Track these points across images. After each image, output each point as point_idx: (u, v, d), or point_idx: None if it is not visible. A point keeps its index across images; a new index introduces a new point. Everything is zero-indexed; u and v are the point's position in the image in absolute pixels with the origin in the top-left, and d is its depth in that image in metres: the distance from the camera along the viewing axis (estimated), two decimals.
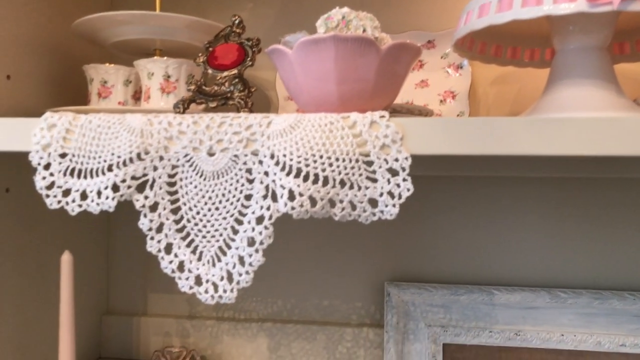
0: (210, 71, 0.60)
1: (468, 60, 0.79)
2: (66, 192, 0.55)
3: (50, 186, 0.55)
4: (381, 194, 0.51)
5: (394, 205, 0.51)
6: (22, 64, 0.71)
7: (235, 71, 0.59)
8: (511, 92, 0.81)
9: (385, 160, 0.50)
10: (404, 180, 0.50)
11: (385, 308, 0.82)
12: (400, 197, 0.50)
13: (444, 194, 0.84)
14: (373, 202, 0.52)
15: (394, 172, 0.51)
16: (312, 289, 0.88)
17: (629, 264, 0.79)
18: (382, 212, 0.51)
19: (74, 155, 0.55)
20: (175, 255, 0.55)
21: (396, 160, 0.50)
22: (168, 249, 0.55)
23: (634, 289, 0.78)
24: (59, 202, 0.55)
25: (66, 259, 0.64)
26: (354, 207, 0.52)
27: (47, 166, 0.56)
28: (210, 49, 0.61)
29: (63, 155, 0.55)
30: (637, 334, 0.77)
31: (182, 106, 0.60)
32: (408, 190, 0.50)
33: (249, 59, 0.60)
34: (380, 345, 0.84)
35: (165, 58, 0.71)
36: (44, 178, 0.55)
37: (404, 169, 0.50)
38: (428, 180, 0.83)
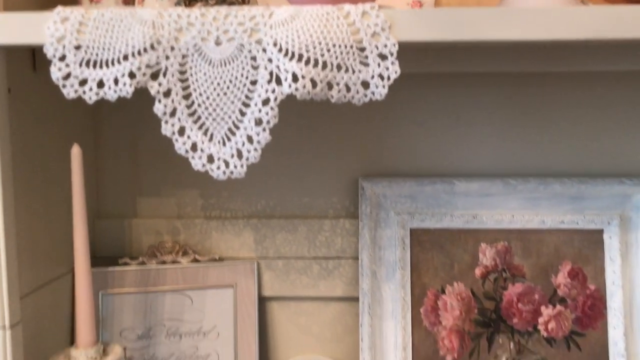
0: None
1: None
2: (82, 82, 0.60)
3: (66, 77, 0.60)
4: (372, 77, 0.59)
5: (383, 87, 0.59)
6: None
7: None
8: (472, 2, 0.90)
9: (376, 46, 0.58)
10: (392, 64, 0.58)
11: (359, 200, 0.91)
12: (389, 79, 0.58)
13: (409, 93, 0.92)
14: (365, 85, 0.59)
15: (383, 57, 0.58)
16: (292, 187, 0.96)
17: (569, 153, 0.92)
18: (373, 93, 0.59)
19: (88, 47, 0.59)
20: (188, 137, 0.61)
21: (385, 46, 0.58)
22: (181, 131, 0.61)
23: (573, 174, 0.91)
24: (76, 91, 0.60)
25: (76, 152, 0.69)
26: (348, 89, 0.59)
27: (62, 58, 0.60)
28: None
29: (77, 47, 0.60)
30: (573, 212, 0.90)
31: (184, 3, 0.64)
32: (395, 72, 0.58)
33: None
34: (355, 234, 0.94)
35: None
36: (59, 69, 0.60)
37: (392, 54, 0.58)
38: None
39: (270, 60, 0.59)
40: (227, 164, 0.61)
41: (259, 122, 0.60)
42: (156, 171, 0.96)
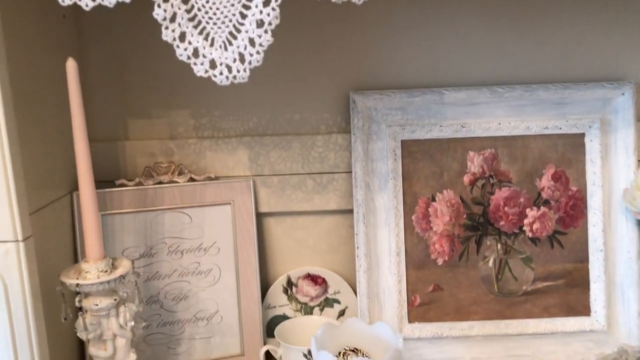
0: None
1: None
2: None
3: None
4: None
5: None
6: None
7: None
8: None
9: None
10: None
11: (351, 114, 0.93)
12: None
13: (397, 6, 0.92)
14: None
15: None
16: (284, 104, 0.97)
17: (553, 60, 0.94)
18: None
19: None
20: (189, 43, 0.61)
21: None
22: (182, 37, 0.61)
23: (557, 81, 0.93)
24: None
25: (71, 65, 0.68)
26: None
27: None
28: None
29: None
30: (557, 118, 0.93)
31: None
32: None
33: None
34: (347, 148, 0.96)
35: None
36: None
37: None
38: None
39: None
40: (229, 69, 0.62)
41: (260, 23, 0.60)
42: (146, 92, 0.96)
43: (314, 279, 1.01)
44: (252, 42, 0.61)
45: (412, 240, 0.94)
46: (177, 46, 0.61)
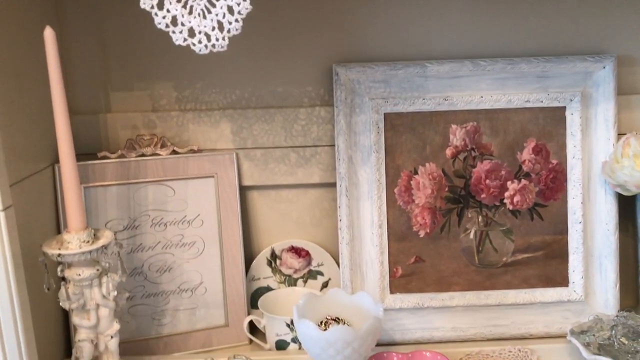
0: None
1: None
2: None
3: None
4: None
5: None
6: None
7: None
8: None
9: None
10: None
11: (334, 86, 0.93)
12: None
13: None
14: None
15: None
16: (267, 77, 0.97)
17: (536, 33, 0.95)
18: None
19: None
20: (168, 11, 0.61)
21: None
22: (160, 5, 0.60)
23: (539, 54, 0.94)
24: None
25: (49, 34, 0.68)
26: None
27: None
28: None
29: None
30: (538, 91, 0.94)
31: None
32: None
33: None
34: (330, 121, 0.97)
35: None
36: None
37: None
38: None
39: None
40: (208, 38, 0.61)
41: None
42: (127, 64, 0.95)
43: (297, 251, 1.02)
44: (230, 10, 0.60)
45: (394, 212, 0.95)
46: (156, 14, 0.61)
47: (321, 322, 0.84)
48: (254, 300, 0.99)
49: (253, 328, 0.97)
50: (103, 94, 0.96)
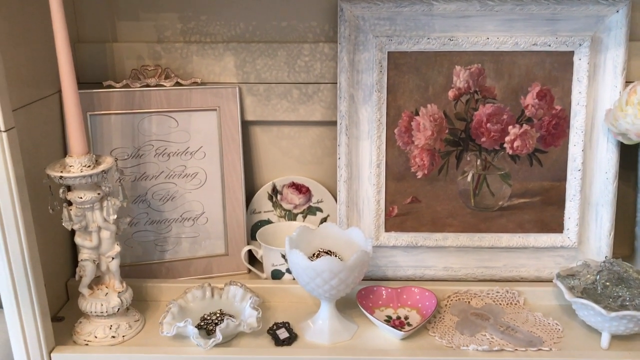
0: None
1: None
2: None
3: None
4: None
5: None
6: None
7: None
8: None
9: None
10: None
11: (338, 22, 0.92)
12: None
13: None
14: None
15: None
16: (271, 11, 0.96)
17: None
18: None
19: None
20: None
21: None
22: None
23: None
24: None
25: None
26: None
27: None
28: None
29: None
30: (547, 34, 0.92)
31: None
32: None
33: None
34: (334, 58, 0.96)
35: None
36: None
37: None
38: None
39: None
40: None
41: None
42: None
43: (298, 187, 1.05)
44: None
45: (393, 152, 0.96)
46: None
47: (313, 254, 0.87)
48: (254, 232, 1.02)
49: (253, 258, 1.01)
50: (110, 24, 0.97)
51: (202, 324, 0.85)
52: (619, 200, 0.95)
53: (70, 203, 0.80)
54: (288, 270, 0.94)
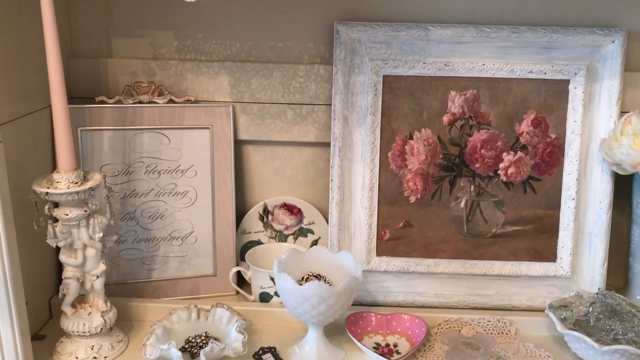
0: None
1: None
2: None
3: None
4: None
5: None
6: None
7: None
8: None
9: None
10: None
11: (334, 44, 0.92)
12: None
13: None
14: None
15: None
16: (268, 31, 0.96)
17: (544, 1, 0.92)
18: None
19: None
20: None
21: None
22: None
23: (546, 24, 0.91)
24: None
25: None
26: None
27: None
28: None
29: None
30: (543, 62, 0.92)
31: None
32: None
33: None
34: (329, 80, 0.96)
35: None
36: None
37: None
38: None
39: None
40: None
41: None
42: (130, 10, 0.95)
43: (290, 208, 1.03)
44: None
45: (386, 176, 0.95)
46: None
47: (302, 278, 0.86)
48: (244, 253, 1.01)
49: (241, 279, 0.99)
50: (105, 39, 0.96)
51: (187, 346, 0.83)
52: (613, 230, 0.94)
53: (56, 220, 0.78)
54: (276, 293, 0.93)
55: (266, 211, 1.03)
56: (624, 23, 0.91)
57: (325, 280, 0.86)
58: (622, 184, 0.95)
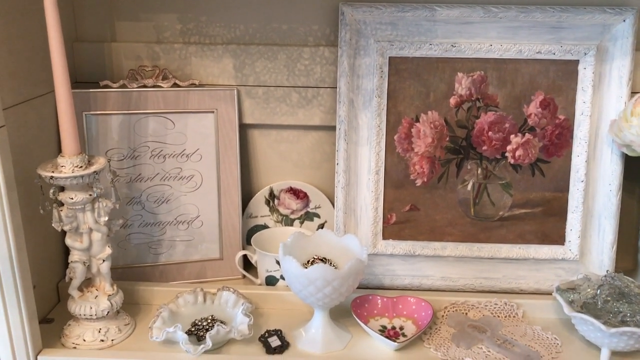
0: None
1: None
2: None
3: None
4: None
5: None
6: None
7: None
8: None
9: None
10: None
11: (339, 26, 0.90)
12: None
13: None
14: None
15: None
16: (272, 13, 0.95)
17: None
18: None
19: None
20: None
21: None
22: None
23: (555, 3, 0.89)
24: None
25: None
26: None
27: None
28: None
29: None
30: (551, 42, 0.90)
31: None
32: None
33: None
34: (334, 62, 0.95)
35: None
36: None
37: None
38: None
39: None
40: None
41: None
42: None
43: (296, 192, 1.03)
44: None
45: (392, 159, 0.95)
46: None
47: (308, 261, 0.86)
48: (250, 237, 1.01)
49: (248, 263, 0.99)
50: (109, 23, 0.96)
51: (193, 329, 0.83)
52: (622, 212, 0.92)
53: (61, 204, 0.78)
54: (282, 277, 0.93)
55: (272, 195, 1.03)
56: (635, 1, 0.89)
57: (330, 263, 0.86)
58: (631, 166, 0.94)
